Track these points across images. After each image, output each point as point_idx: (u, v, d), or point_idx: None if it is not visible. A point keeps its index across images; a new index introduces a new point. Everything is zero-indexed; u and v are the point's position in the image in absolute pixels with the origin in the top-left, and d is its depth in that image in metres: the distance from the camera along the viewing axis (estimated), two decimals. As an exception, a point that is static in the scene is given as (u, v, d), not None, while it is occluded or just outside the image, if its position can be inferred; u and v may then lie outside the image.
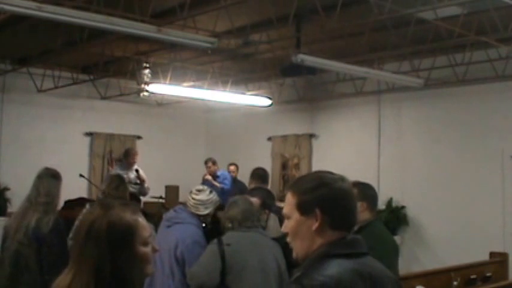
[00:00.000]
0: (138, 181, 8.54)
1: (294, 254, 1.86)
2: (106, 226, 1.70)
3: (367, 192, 3.72)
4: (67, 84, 9.80)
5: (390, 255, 3.67)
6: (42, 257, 4.12)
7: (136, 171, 8.65)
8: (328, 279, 1.67)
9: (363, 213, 3.63)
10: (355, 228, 3.75)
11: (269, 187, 5.93)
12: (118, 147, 10.83)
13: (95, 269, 1.67)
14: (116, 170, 8.97)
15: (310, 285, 1.67)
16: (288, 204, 1.87)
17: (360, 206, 3.57)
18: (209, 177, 9.43)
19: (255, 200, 4.17)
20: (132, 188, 7.64)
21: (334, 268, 1.71)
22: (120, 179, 4.99)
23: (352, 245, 1.81)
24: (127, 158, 8.93)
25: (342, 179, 1.88)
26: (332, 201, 1.81)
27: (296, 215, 1.83)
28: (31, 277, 4.13)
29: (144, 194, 8.64)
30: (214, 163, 9.55)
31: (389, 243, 3.84)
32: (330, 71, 8.87)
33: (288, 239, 1.86)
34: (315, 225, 1.79)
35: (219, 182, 9.31)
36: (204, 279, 3.53)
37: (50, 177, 4.34)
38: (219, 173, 9.54)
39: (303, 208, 1.82)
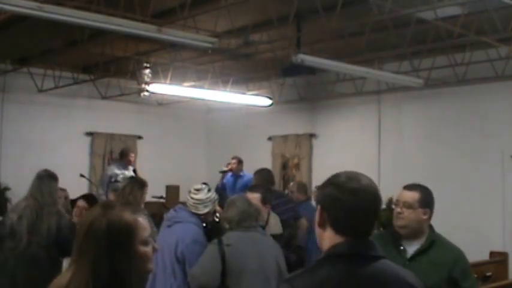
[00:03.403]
0: None
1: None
2: (105, 225, 1.72)
3: (430, 198, 3.04)
4: (67, 84, 9.81)
5: None
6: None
7: (134, 171, 8.64)
8: (317, 280, 1.65)
9: (426, 223, 2.99)
10: (424, 242, 2.93)
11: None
12: (118, 147, 10.78)
13: (93, 267, 1.69)
14: (112, 168, 8.93)
15: (300, 285, 1.66)
16: None
17: (423, 213, 2.98)
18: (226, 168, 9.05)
19: (255, 196, 4.17)
20: None
21: (326, 269, 1.67)
22: (133, 181, 5.02)
23: (362, 246, 1.71)
24: (124, 158, 8.92)
25: (358, 179, 1.78)
26: (333, 201, 1.75)
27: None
28: (51, 278, 4.16)
29: None
30: (240, 162, 9.27)
31: None
32: (330, 71, 8.86)
33: None
34: (318, 221, 1.77)
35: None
36: (205, 281, 3.53)
37: (50, 178, 4.42)
38: (242, 174, 8.99)
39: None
